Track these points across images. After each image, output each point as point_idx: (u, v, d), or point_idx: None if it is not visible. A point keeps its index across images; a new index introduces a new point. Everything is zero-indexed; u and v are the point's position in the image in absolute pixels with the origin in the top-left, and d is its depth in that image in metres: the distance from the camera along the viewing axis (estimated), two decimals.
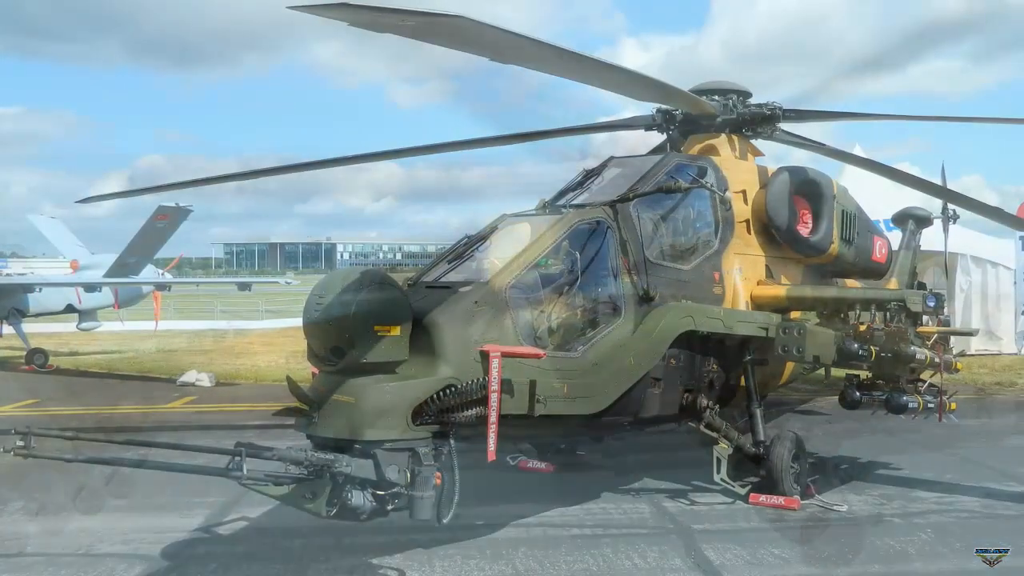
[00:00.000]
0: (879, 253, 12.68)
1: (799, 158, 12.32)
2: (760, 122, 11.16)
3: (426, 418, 6.73)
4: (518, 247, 8.07)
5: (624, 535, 8.47)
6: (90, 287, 23.72)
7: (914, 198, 16.96)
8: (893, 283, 14.00)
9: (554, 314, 7.99)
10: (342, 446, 6.56)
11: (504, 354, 6.93)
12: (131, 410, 16.27)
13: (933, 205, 15.68)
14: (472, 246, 8.44)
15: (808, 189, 11.10)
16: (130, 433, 8.41)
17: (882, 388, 10.12)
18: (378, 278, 6.79)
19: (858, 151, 18.53)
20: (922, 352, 10.03)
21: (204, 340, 31.34)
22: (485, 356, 6.91)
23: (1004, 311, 22.53)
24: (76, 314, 25.01)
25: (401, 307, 6.73)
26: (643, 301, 8.60)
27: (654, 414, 9.00)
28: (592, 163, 10.31)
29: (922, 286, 15.12)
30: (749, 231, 10.62)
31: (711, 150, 10.85)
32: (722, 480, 9.36)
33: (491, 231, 8.62)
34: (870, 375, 10.27)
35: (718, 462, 9.36)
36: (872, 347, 9.77)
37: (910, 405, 10.03)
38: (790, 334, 9.57)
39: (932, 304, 10.21)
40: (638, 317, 8.51)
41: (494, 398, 6.80)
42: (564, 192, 9.67)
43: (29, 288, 23.24)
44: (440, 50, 6.71)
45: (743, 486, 9.53)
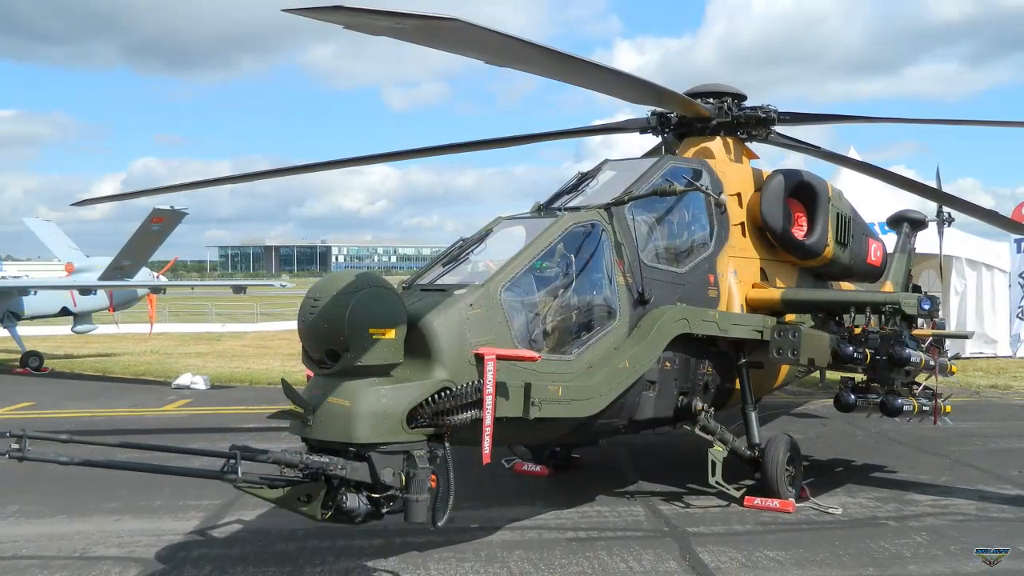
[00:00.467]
0: (874, 256, 12.68)
1: (794, 161, 12.35)
2: (755, 125, 11.18)
3: (421, 421, 6.71)
4: (513, 250, 8.05)
5: (619, 538, 8.48)
6: (85, 290, 23.64)
7: (909, 201, 17.04)
8: (888, 286, 14.03)
9: (549, 317, 7.99)
10: (337, 449, 6.53)
11: (499, 357, 6.91)
12: (126, 413, 16.24)
13: (928, 208, 15.73)
14: (467, 249, 8.42)
15: (803, 192, 11.10)
16: (125, 436, 8.37)
17: (877, 391, 10.09)
18: (373, 281, 6.77)
19: (853, 154, 18.63)
20: (917, 355, 10.02)
21: (199, 343, 31.33)
22: (480, 359, 6.89)
23: (999, 314, 22.58)
24: (71, 317, 24.96)
25: (396, 310, 6.72)
26: (638, 304, 8.60)
27: (649, 417, 8.98)
28: (587, 166, 10.32)
29: (917, 289, 15.13)
30: (744, 234, 10.62)
31: (706, 153, 10.85)
32: (717, 483, 9.35)
33: (486, 234, 8.62)
34: (865, 378, 10.26)
35: (713, 465, 9.35)
36: (867, 350, 9.79)
37: (905, 408, 10.03)
38: (785, 337, 9.59)
39: (927, 307, 10.21)
40: (633, 320, 8.52)
41: (489, 401, 6.79)
42: (559, 195, 9.66)
43: (24, 291, 23.21)
44: (435, 53, 6.71)
45: (738, 489, 9.53)
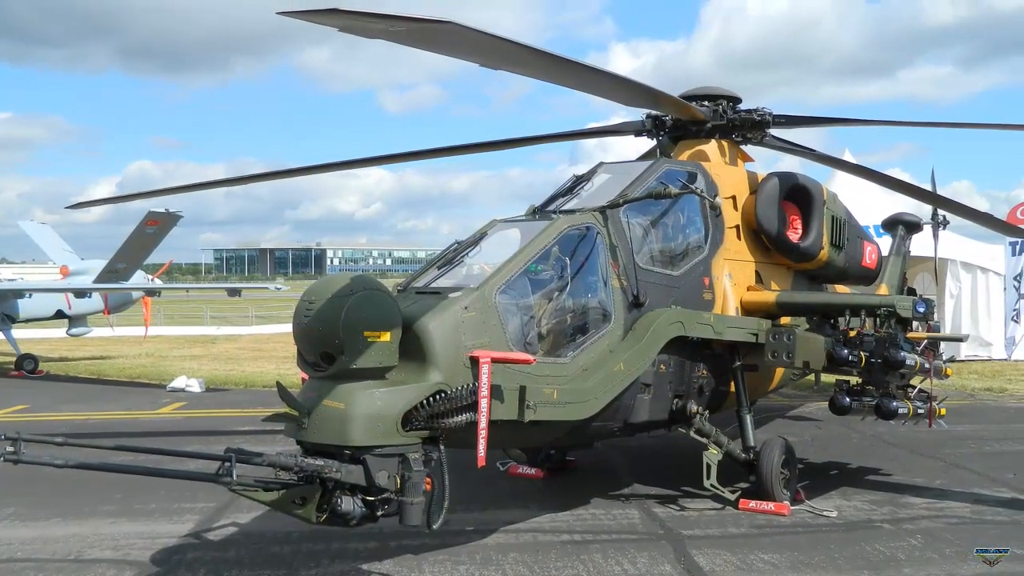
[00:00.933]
0: (869, 259, 12.71)
1: (789, 164, 12.37)
2: (750, 128, 11.21)
3: (416, 424, 6.71)
4: (508, 253, 8.05)
5: (614, 541, 8.47)
6: (80, 293, 23.64)
7: (904, 204, 17.10)
8: (883, 289, 14.04)
9: (544, 320, 7.99)
10: (332, 452, 6.53)
11: (494, 360, 6.92)
12: (121, 416, 16.20)
13: (923, 211, 15.74)
14: (462, 251, 8.42)
15: (798, 195, 11.12)
16: (120, 438, 8.35)
17: (872, 394, 10.11)
18: (368, 284, 6.77)
19: (848, 156, 18.61)
20: (912, 358, 10.03)
21: (194, 346, 31.29)
22: (475, 362, 6.89)
23: (994, 317, 22.66)
24: (66, 320, 24.94)
25: (391, 313, 6.71)
26: (633, 307, 8.60)
27: (644, 420, 8.98)
28: (582, 168, 10.33)
29: (912, 292, 15.15)
30: (739, 237, 10.64)
31: (701, 156, 10.87)
32: (712, 486, 9.35)
33: (481, 236, 8.61)
34: (860, 381, 10.28)
35: (708, 468, 9.35)
36: (862, 353, 9.81)
37: (900, 411, 10.05)
38: (780, 340, 9.59)
39: (922, 310, 10.23)
40: (628, 323, 8.52)
41: (484, 404, 6.79)
42: (554, 198, 9.65)
43: (19, 294, 23.18)
44: (430, 56, 6.71)
45: (733, 492, 9.54)
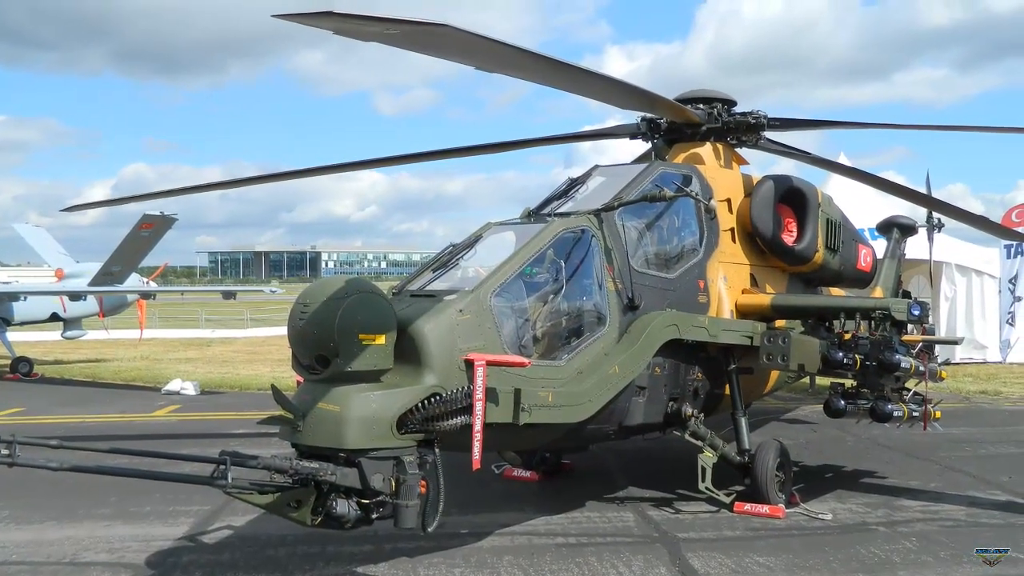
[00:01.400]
0: (864, 262, 12.73)
1: (784, 167, 12.40)
2: (745, 131, 11.22)
3: (411, 426, 6.71)
4: (503, 255, 8.05)
5: (609, 543, 8.47)
6: (75, 296, 23.60)
7: (899, 207, 17.12)
8: (878, 292, 14.08)
9: (539, 323, 7.99)
10: (327, 455, 6.53)
11: (489, 363, 6.91)
12: (116, 418, 16.18)
13: (918, 213, 15.76)
14: (457, 254, 8.42)
15: (793, 197, 11.13)
16: (115, 441, 8.35)
17: (867, 396, 10.10)
18: (363, 287, 6.77)
19: (843, 159, 18.69)
20: (907, 361, 10.03)
21: (189, 348, 31.26)
22: (470, 365, 6.89)
23: (989, 319, 22.67)
24: (61, 323, 24.90)
25: (386, 316, 6.72)
26: (628, 309, 8.61)
27: (639, 422, 8.98)
28: (577, 171, 10.33)
29: (907, 294, 15.20)
30: (734, 239, 10.65)
31: (696, 158, 10.88)
32: (707, 489, 9.35)
33: (476, 239, 8.61)
34: (855, 384, 10.28)
35: (703, 471, 9.35)
36: (857, 356, 9.80)
37: (895, 414, 10.04)
38: (775, 343, 9.60)
39: (917, 313, 10.23)
40: (623, 325, 8.52)
41: (479, 407, 6.79)
42: (549, 200, 9.66)
43: (14, 297, 23.14)
44: (425, 59, 6.72)
45: (728, 495, 9.55)
